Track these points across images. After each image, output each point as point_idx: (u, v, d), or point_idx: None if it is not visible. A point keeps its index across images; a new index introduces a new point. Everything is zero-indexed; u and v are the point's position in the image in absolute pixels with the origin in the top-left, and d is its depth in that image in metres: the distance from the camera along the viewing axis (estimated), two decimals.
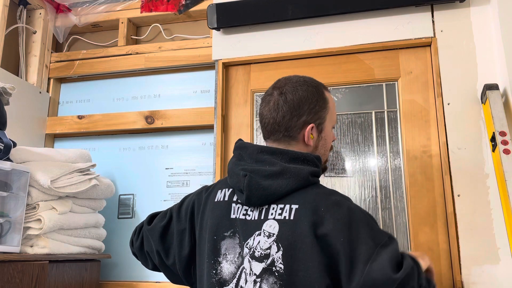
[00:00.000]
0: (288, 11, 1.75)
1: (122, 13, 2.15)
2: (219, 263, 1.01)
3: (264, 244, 0.97)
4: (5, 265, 1.34)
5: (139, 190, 2.00)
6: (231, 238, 1.01)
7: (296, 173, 0.98)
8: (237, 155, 1.08)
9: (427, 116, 1.63)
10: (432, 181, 1.57)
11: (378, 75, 1.71)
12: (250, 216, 1.00)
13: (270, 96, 1.07)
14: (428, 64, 1.67)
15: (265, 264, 0.95)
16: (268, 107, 1.06)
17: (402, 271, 0.87)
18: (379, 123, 1.69)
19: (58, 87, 2.22)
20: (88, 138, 2.12)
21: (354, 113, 1.72)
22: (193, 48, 2.02)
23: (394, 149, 1.65)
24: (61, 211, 1.58)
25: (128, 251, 1.92)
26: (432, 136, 1.61)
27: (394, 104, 1.69)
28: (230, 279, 0.99)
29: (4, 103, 1.58)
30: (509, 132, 1.38)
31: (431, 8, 1.67)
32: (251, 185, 0.98)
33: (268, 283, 0.95)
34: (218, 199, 1.07)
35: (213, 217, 1.05)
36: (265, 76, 1.82)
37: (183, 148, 2.00)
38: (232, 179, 1.05)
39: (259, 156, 1.02)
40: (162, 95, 2.08)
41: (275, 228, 0.97)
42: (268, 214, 0.98)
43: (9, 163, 1.45)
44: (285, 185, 0.98)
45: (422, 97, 1.65)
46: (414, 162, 1.60)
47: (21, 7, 2.09)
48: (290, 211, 0.96)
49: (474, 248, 1.46)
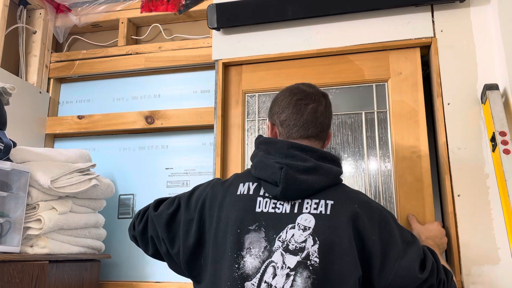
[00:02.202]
0: (288, 11, 1.75)
1: (122, 13, 2.15)
2: (242, 257, 0.99)
3: (299, 238, 0.99)
4: (5, 265, 1.34)
5: (139, 190, 2.00)
6: (256, 232, 1.01)
7: (328, 171, 1.05)
8: (264, 149, 1.10)
9: (416, 117, 1.64)
10: (421, 182, 1.58)
11: (368, 76, 1.72)
12: (280, 209, 1.02)
13: (302, 101, 1.14)
14: (418, 65, 1.68)
15: (300, 257, 0.97)
16: (304, 112, 1.13)
17: (426, 271, 1.00)
18: (369, 124, 1.69)
19: (58, 87, 2.22)
20: (88, 138, 2.12)
21: (345, 113, 1.72)
22: (193, 48, 2.02)
23: (383, 149, 1.66)
24: (61, 211, 1.58)
25: (128, 251, 1.93)
26: (421, 137, 1.61)
27: (384, 104, 1.69)
28: (253, 273, 0.98)
29: (4, 103, 1.58)
30: (509, 132, 1.38)
31: (431, 8, 1.67)
32: (288, 178, 1.00)
33: (302, 276, 0.96)
34: (241, 192, 1.06)
35: (235, 210, 1.04)
36: (256, 77, 1.82)
37: (183, 148, 2.00)
38: (263, 172, 1.05)
39: (289, 151, 1.07)
40: (162, 95, 2.08)
41: (310, 222, 1.00)
42: (302, 208, 1.01)
43: (9, 163, 1.45)
44: (319, 181, 1.03)
45: (411, 98, 1.66)
46: (403, 163, 1.60)
47: (21, 7, 2.09)
48: (326, 206, 1.01)
49: (474, 248, 1.45)
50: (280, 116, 1.15)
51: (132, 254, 1.92)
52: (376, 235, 1.00)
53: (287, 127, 1.14)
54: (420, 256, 1.02)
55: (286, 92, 1.19)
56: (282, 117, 1.15)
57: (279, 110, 1.16)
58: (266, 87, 1.80)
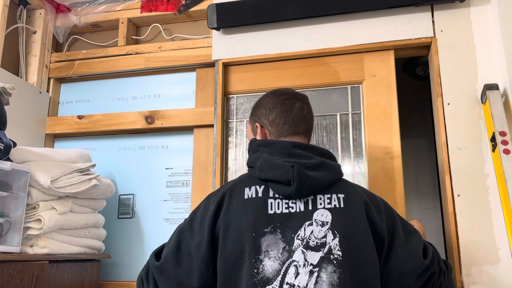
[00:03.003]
0: (288, 11, 1.75)
1: (122, 13, 2.15)
2: (261, 261, 0.98)
3: (319, 233, 1.00)
4: (5, 265, 1.34)
5: (139, 190, 2.00)
6: (272, 234, 1.00)
7: (333, 167, 1.09)
8: (266, 151, 1.10)
9: (390, 118, 1.65)
10: (394, 182, 1.59)
11: (343, 78, 1.74)
12: (294, 208, 1.03)
13: (289, 100, 1.19)
14: (392, 67, 1.70)
15: (322, 253, 0.98)
16: (292, 109, 1.17)
17: (428, 258, 1.06)
18: (344, 125, 1.71)
19: (58, 87, 2.22)
20: (88, 138, 2.12)
21: (320, 115, 1.74)
22: (193, 48, 2.02)
23: (357, 150, 1.68)
24: (61, 211, 1.58)
25: (128, 251, 1.93)
26: (394, 138, 1.63)
27: (358, 106, 1.72)
28: (274, 276, 0.96)
29: (4, 103, 1.58)
30: (509, 132, 1.38)
31: (431, 8, 1.67)
32: (301, 175, 1.01)
33: (326, 272, 0.96)
34: (249, 196, 1.05)
35: (246, 214, 1.02)
36: (235, 79, 1.86)
37: (183, 148, 2.00)
38: (272, 172, 1.04)
39: (292, 151, 1.08)
40: (162, 95, 2.08)
41: (327, 216, 1.02)
42: (316, 204, 1.03)
43: (9, 163, 1.45)
44: (327, 176, 1.06)
45: (385, 100, 1.68)
46: (376, 164, 1.62)
47: (21, 7, 2.09)
48: (339, 200, 1.04)
49: (474, 248, 1.45)
50: (268, 116, 1.18)
51: (132, 254, 1.92)
52: (384, 223, 1.05)
53: (277, 125, 1.17)
54: (421, 245, 1.08)
55: (270, 94, 1.23)
56: (271, 117, 1.18)
57: (266, 111, 1.19)
58: (246, 88, 1.84)
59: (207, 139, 1.91)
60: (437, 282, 1.09)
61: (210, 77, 1.98)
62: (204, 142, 1.92)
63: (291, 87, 1.66)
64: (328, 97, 1.75)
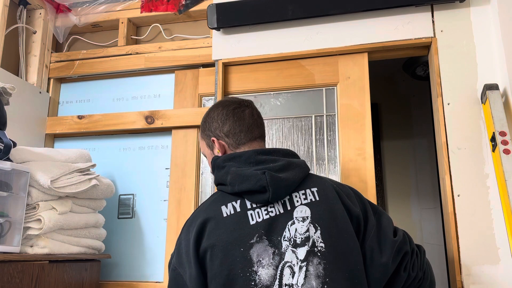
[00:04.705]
0: (288, 11, 1.75)
1: (122, 13, 2.15)
2: (256, 272, 0.99)
3: (302, 229, 1.03)
4: (5, 265, 1.34)
5: (139, 190, 2.00)
6: (259, 243, 1.02)
7: (299, 164, 1.12)
8: (233, 165, 1.11)
9: (363, 120, 1.68)
10: (365, 183, 1.61)
11: (318, 80, 1.76)
12: (273, 212, 1.05)
13: (238, 109, 1.21)
14: (365, 70, 1.72)
15: (308, 246, 1.01)
16: (244, 117, 1.20)
17: (398, 236, 1.11)
18: (319, 127, 1.74)
19: (58, 87, 2.22)
20: (88, 138, 2.12)
21: (295, 116, 1.77)
22: (193, 48, 2.02)
23: (331, 151, 1.70)
24: (61, 211, 1.58)
25: (129, 251, 1.93)
26: (367, 140, 1.65)
27: (333, 108, 1.74)
28: (271, 283, 0.99)
29: (4, 103, 1.58)
30: (509, 132, 1.38)
31: (431, 8, 1.67)
32: (274, 179, 1.04)
33: (313, 264, 1.00)
34: (228, 214, 1.06)
35: (229, 232, 1.03)
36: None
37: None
38: (245, 184, 1.05)
39: (258, 158, 1.11)
40: (162, 95, 2.08)
41: (306, 211, 1.05)
42: (293, 202, 1.07)
43: (9, 163, 1.45)
44: (297, 174, 1.09)
45: (358, 102, 1.70)
46: (349, 164, 1.64)
47: (21, 7, 2.09)
48: (313, 194, 1.08)
49: (474, 248, 1.46)
50: (223, 128, 1.20)
51: (132, 254, 1.92)
52: (358, 208, 1.11)
53: (233, 135, 1.19)
54: (391, 226, 1.14)
55: (218, 107, 1.24)
56: (225, 128, 1.19)
57: (219, 124, 1.21)
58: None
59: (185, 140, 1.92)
60: (410, 262, 1.12)
61: (188, 78, 1.98)
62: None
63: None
64: (303, 99, 1.79)
